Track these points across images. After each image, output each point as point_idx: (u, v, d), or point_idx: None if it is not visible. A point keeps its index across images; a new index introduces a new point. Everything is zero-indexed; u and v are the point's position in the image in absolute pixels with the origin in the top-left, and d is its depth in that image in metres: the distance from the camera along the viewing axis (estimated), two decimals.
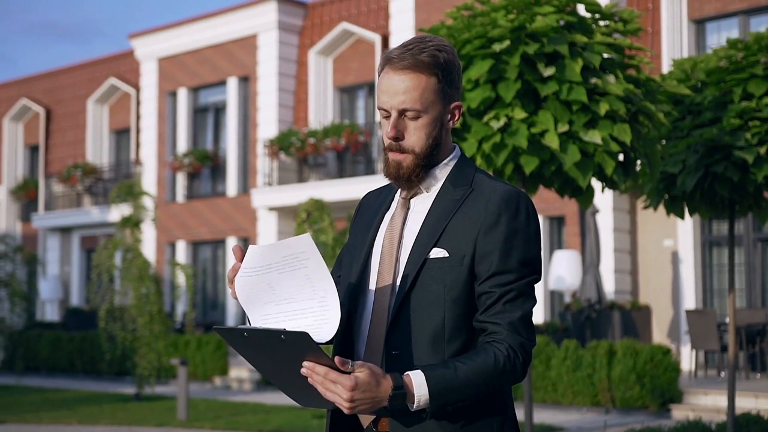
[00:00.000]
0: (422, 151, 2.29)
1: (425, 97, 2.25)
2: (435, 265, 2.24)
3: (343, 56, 20.84)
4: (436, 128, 2.29)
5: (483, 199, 2.26)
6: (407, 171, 2.30)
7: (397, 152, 2.30)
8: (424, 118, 2.27)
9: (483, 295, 2.22)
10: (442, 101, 2.29)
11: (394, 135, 2.28)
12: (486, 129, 6.21)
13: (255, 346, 2.10)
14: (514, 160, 6.29)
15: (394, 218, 2.37)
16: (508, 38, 6.18)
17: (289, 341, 2.01)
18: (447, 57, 2.29)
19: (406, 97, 2.25)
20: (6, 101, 28.04)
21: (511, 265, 2.22)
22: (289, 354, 2.05)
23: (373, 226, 2.42)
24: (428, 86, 2.26)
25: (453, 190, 2.31)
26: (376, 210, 2.45)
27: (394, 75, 2.26)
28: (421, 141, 2.28)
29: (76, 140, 25.96)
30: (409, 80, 2.25)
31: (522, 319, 2.21)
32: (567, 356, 13.26)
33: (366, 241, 2.40)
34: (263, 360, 2.13)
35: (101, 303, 15.45)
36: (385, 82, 2.28)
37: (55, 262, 25.64)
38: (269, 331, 2.03)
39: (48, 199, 25.90)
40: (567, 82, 6.19)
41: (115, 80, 24.82)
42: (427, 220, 2.30)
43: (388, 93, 2.27)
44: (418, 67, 2.25)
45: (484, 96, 6.17)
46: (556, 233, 17.45)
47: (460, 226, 2.25)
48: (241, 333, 2.07)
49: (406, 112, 2.27)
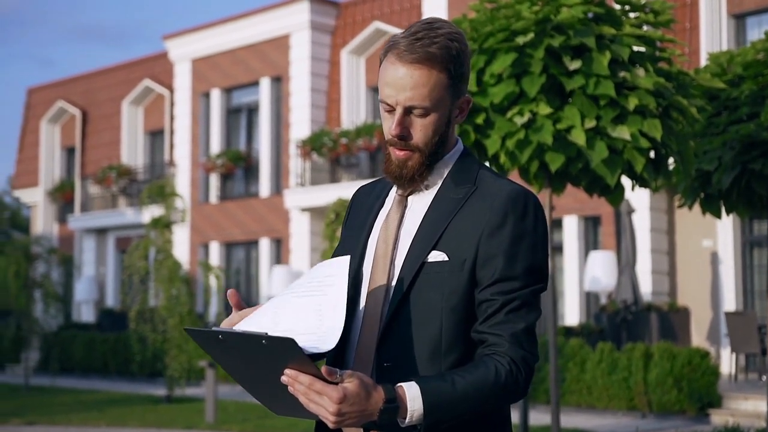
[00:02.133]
0: (428, 149, 2.10)
1: (435, 93, 2.05)
2: (433, 270, 2.05)
3: (375, 56, 20.67)
4: (443, 125, 2.10)
5: (487, 199, 2.07)
6: (411, 170, 2.11)
7: (401, 149, 2.10)
8: (432, 116, 2.07)
9: (484, 302, 2.03)
10: (451, 97, 2.10)
11: (399, 133, 2.07)
12: (510, 125, 6.01)
13: (231, 351, 1.92)
14: (539, 158, 6.08)
15: (389, 217, 2.18)
16: (532, 31, 5.97)
17: (271, 347, 1.83)
18: (459, 48, 2.08)
19: (415, 94, 2.04)
20: (43, 104, 28.25)
21: (516, 272, 2.02)
22: (269, 360, 1.88)
23: (367, 225, 2.22)
24: (438, 82, 2.05)
25: (454, 188, 2.12)
26: (370, 208, 2.26)
27: (401, 67, 2.05)
28: (428, 138, 2.09)
29: (112, 142, 26.06)
30: (418, 75, 2.04)
31: (525, 331, 2.02)
32: (602, 359, 12.98)
33: (359, 241, 2.21)
34: (238, 365, 1.96)
35: (132, 304, 15.42)
36: (390, 74, 2.07)
37: (90, 263, 25.76)
38: (248, 335, 1.85)
39: (84, 201, 26.03)
40: (594, 76, 5.97)
41: (150, 82, 24.88)
42: (425, 220, 2.11)
43: (393, 87, 2.06)
44: (429, 62, 2.04)
45: (507, 91, 5.96)
46: (592, 233, 17.15)
47: (462, 227, 2.06)
48: (215, 336, 1.89)
49: (413, 110, 2.07)
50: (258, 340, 1.82)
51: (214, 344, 1.92)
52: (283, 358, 1.84)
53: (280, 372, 1.87)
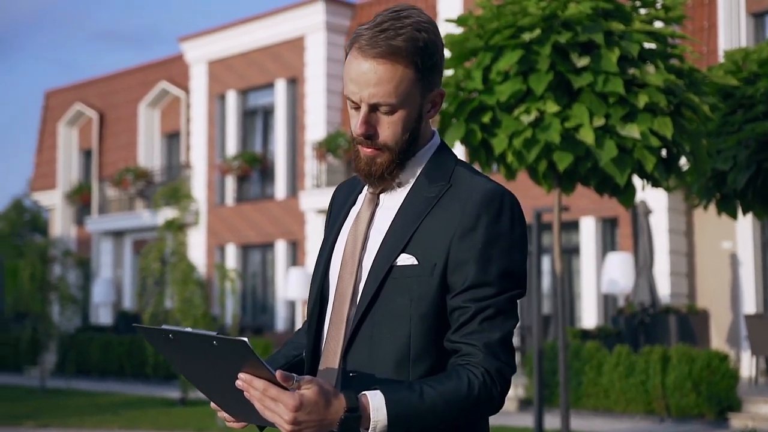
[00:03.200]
0: (398, 147, 1.97)
1: (401, 89, 1.92)
2: (402, 274, 1.92)
3: None
4: (413, 121, 1.97)
5: (461, 198, 1.94)
6: (381, 168, 1.98)
7: (368, 147, 1.98)
8: (400, 112, 1.95)
9: (456, 310, 1.90)
10: (420, 91, 1.96)
11: (364, 132, 1.95)
12: (516, 124, 5.88)
13: (182, 351, 1.83)
14: (546, 157, 5.95)
15: (359, 216, 2.06)
16: (539, 27, 5.84)
17: (223, 348, 1.73)
18: (427, 38, 1.94)
19: (379, 90, 1.92)
20: (61, 106, 28.34)
21: (489, 277, 1.89)
22: (222, 363, 1.77)
23: (337, 224, 2.11)
24: (405, 77, 1.92)
25: (428, 185, 1.99)
26: (343, 205, 2.15)
27: (364, 62, 1.92)
28: (397, 136, 1.96)
29: (129, 144, 26.09)
30: (382, 70, 1.91)
31: (501, 341, 1.89)
32: (619, 362, 12.80)
33: (328, 242, 2.10)
34: (191, 366, 1.86)
35: (146, 307, 15.38)
36: (353, 69, 1.94)
37: (108, 266, 25.78)
38: (199, 335, 1.74)
39: (101, 203, 26.06)
40: (603, 73, 5.83)
41: (166, 84, 24.89)
42: (396, 220, 1.98)
43: (357, 83, 1.93)
44: (393, 55, 1.91)
45: (514, 89, 5.83)
46: (609, 235, 16.96)
47: (433, 228, 1.93)
48: (165, 334, 1.79)
49: (379, 107, 1.94)
50: (209, 341, 1.72)
51: (165, 344, 1.83)
52: (236, 361, 1.74)
53: (233, 376, 1.77)
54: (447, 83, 6.09)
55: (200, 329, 1.76)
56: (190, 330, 1.76)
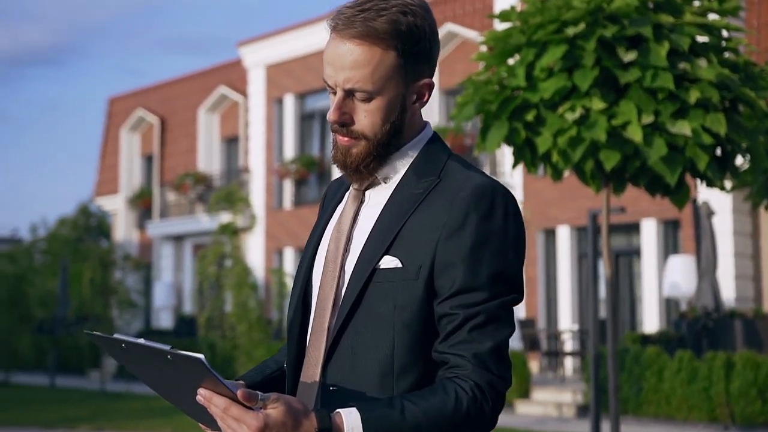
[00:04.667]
0: (376, 138, 1.80)
1: (379, 75, 1.76)
2: (386, 278, 1.75)
3: (448, 58, 20.36)
4: (394, 112, 1.80)
5: (449, 194, 1.76)
6: (356, 159, 1.82)
7: (344, 135, 1.82)
8: (377, 100, 1.78)
9: (444, 317, 1.73)
10: (403, 79, 1.79)
11: (337, 119, 1.79)
12: (561, 122, 5.66)
13: (138, 361, 1.73)
14: (593, 156, 5.72)
15: (342, 215, 1.89)
16: (584, 21, 5.61)
17: (178, 364, 1.61)
18: (412, 22, 1.77)
19: (354, 74, 1.76)
20: (123, 112, 28.72)
21: (479, 281, 1.72)
22: (179, 377, 1.66)
23: (322, 223, 1.95)
24: (383, 62, 1.76)
25: (416, 181, 1.82)
26: (332, 201, 1.99)
27: (340, 43, 1.77)
28: (375, 127, 1.80)
29: (188, 149, 26.31)
30: (358, 52, 1.75)
31: (493, 351, 1.71)
32: (681, 368, 12.45)
33: (311, 243, 1.94)
34: (150, 375, 1.75)
35: (201, 311, 15.44)
36: (330, 50, 1.78)
37: (169, 270, 26.01)
38: (153, 348, 1.62)
39: (162, 208, 26.33)
40: (651, 68, 5.58)
41: (225, 89, 25.04)
42: (380, 219, 1.81)
43: (332, 65, 1.78)
44: (371, 37, 1.74)
45: (558, 85, 5.62)
46: (671, 237, 16.54)
47: (419, 228, 1.76)
48: (119, 344, 1.69)
49: (354, 93, 1.78)
50: (164, 355, 1.61)
51: (121, 353, 1.73)
52: (194, 377, 1.62)
53: (189, 388, 1.65)
54: (489, 81, 5.91)
55: (154, 341, 1.64)
56: (143, 342, 1.65)
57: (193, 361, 1.56)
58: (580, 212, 16.44)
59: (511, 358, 9.05)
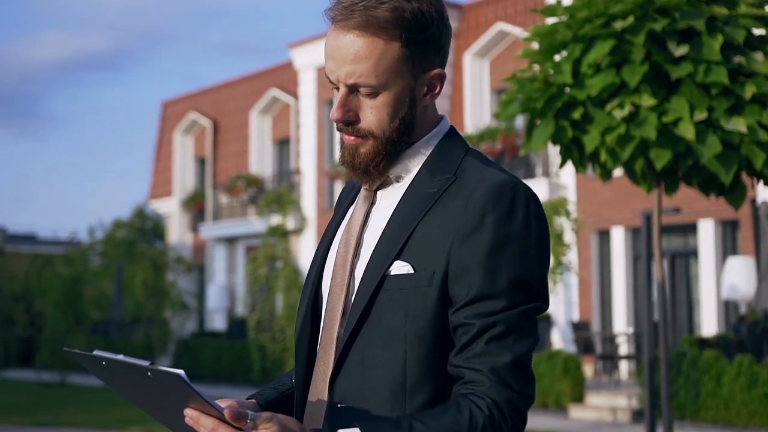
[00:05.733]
0: (384, 136, 1.67)
1: (383, 67, 1.63)
2: (396, 285, 1.61)
3: (500, 58, 20.14)
4: (403, 107, 1.67)
5: (465, 193, 1.62)
6: (365, 158, 1.68)
7: (350, 135, 1.69)
8: (383, 95, 1.65)
9: (459, 328, 1.58)
10: (411, 71, 1.66)
11: (341, 117, 1.66)
12: (609, 119, 5.46)
13: (120, 379, 1.63)
14: (643, 154, 5.51)
15: (352, 217, 1.76)
16: (632, 14, 5.40)
17: (159, 380, 1.50)
18: (417, 8, 1.63)
19: (356, 68, 1.62)
20: (177, 115, 28.94)
21: (498, 288, 1.57)
22: (164, 394, 1.56)
23: (333, 226, 1.82)
24: (387, 53, 1.62)
25: (430, 180, 1.68)
26: (342, 203, 1.86)
27: (340, 35, 1.63)
28: (383, 123, 1.66)
29: (241, 151, 26.42)
30: (360, 44, 1.62)
31: (513, 364, 1.55)
32: (740, 372, 12.11)
33: (320, 248, 1.81)
34: (134, 393, 1.65)
35: (252, 313, 15.44)
36: (330, 43, 1.66)
37: (222, 272, 26.12)
38: (133, 364, 1.52)
39: (215, 210, 26.46)
40: (704, 62, 5.36)
41: (277, 91, 25.08)
42: (391, 222, 1.67)
43: (333, 59, 1.65)
44: (372, 27, 1.61)
45: (606, 82, 5.42)
46: (730, 238, 16.12)
47: (432, 230, 1.62)
48: (98, 361, 1.59)
49: (358, 88, 1.65)
50: (144, 372, 1.50)
51: (102, 370, 1.63)
52: (177, 395, 1.51)
53: (176, 408, 1.54)
54: (535, 78, 5.73)
55: (134, 358, 1.53)
56: (122, 358, 1.54)
57: (173, 378, 1.46)
58: (635, 213, 16.12)
59: (566, 363, 8.78)
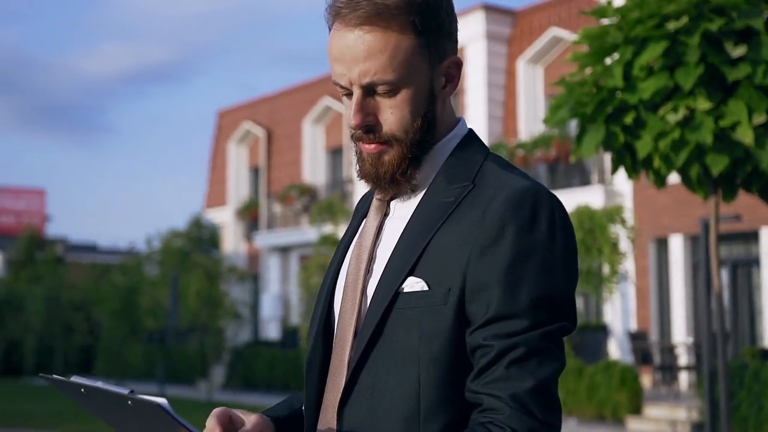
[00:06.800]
0: (409, 138, 1.52)
1: (399, 60, 1.48)
2: (409, 303, 1.47)
3: (554, 63, 19.88)
4: (424, 103, 1.52)
5: (483, 202, 1.47)
6: (390, 168, 1.53)
7: (370, 143, 1.53)
8: (403, 92, 1.50)
9: (477, 350, 1.44)
10: (427, 61, 1.52)
11: (361, 123, 1.51)
12: (663, 124, 5.26)
13: (101, 405, 1.54)
14: (698, 160, 5.29)
15: (364, 230, 1.62)
16: (686, 14, 5.19)
17: (140, 409, 1.40)
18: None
19: (371, 66, 1.48)
20: (231, 125, 29.12)
21: (519, 306, 1.42)
22: (146, 423, 1.45)
23: (345, 240, 1.68)
24: (402, 44, 1.48)
25: (446, 188, 1.54)
26: (359, 211, 1.72)
27: (347, 33, 1.49)
28: (405, 124, 1.51)
29: (294, 161, 26.48)
30: (371, 39, 1.48)
31: (536, 390, 1.40)
32: None
33: (332, 264, 1.67)
34: (116, 420, 1.55)
35: (304, 322, 15.39)
36: (335, 45, 1.51)
37: (276, 281, 26.17)
38: (112, 393, 1.42)
39: (269, 219, 26.54)
40: (763, 63, 5.14)
41: (330, 100, 25.10)
42: (404, 234, 1.53)
43: (342, 61, 1.50)
44: (382, 17, 1.47)
45: (659, 85, 5.22)
46: None
47: (448, 243, 1.47)
48: (77, 387, 1.50)
49: (375, 87, 1.50)
50: (124, 400, 1.40)
51: (81, 397, 1.53)
52: (157, 423, 1.40)
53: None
54: (584, 82, 5.55)
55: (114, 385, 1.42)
56: (102, 385, 1.43)
57: (153, 407, 1.35)
58: (694, 220, 15.74)
59: (623, 374, 8.43)
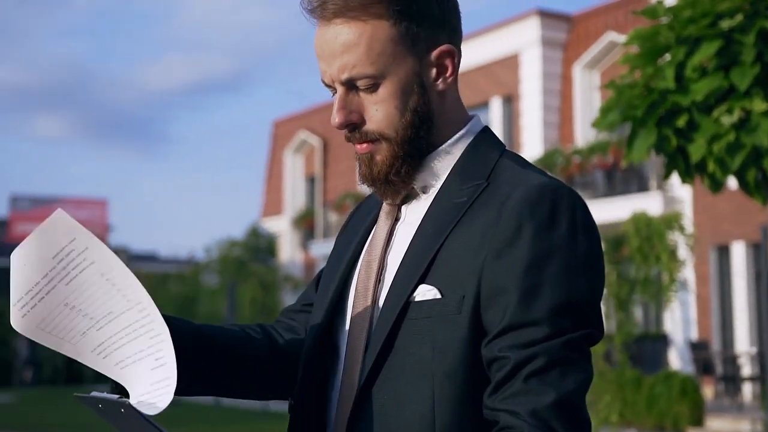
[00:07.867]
0: (398, 134, 1.43)
1: (377, 52, 1.39)
2: (421, 313, 1.36)
3: (610, 69, 19.58)
4: (412, 95, 1.42)
5: (498, 201, 1.36)
6: (382, 167, 1.45)
7: (359, 142, 1.45)
8: (385, 86, 1.41)
9: (493, 362, 1.32)
10: (411, 50, 1.42)
11: (342, 121, 1.44)
12: (717, 126, 5.07)
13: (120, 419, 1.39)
14: (755, 163, 5.09)
15: (374, 237, 1.52)
16: (741, 12, 5.00)
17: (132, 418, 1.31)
18: None
19: (348, 59, 1.40)
20: (287, 135, 29.27)
21: (538, 313, 1.30)
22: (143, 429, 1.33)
23: (352, 247, 1.56)
24: (377, 34, 1.39)
25: (459, 187, 1.43)
26: (365, 218, 1.61)
27: (324, 30, 1.42)
28: (392, 119, 1.42)
29: (349, 170, 26.50)
30: (346, 31, 1.39)
31: (558, 405, 1.27)
32: None
33: (337, 271, 1.55)
34: None
35: None
36: (317, 41, 1.44)
37: None
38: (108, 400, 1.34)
39: (325, 228, 26.59)
40: None
41: None
42: (415, 240, 1.43)
43: (323, 58, 1.44)
44: (354, 8, 1.39)
45: (712, 86, 5.03)
46: None
47: (460, 247, 1.36)
48: (96, 403, 1.39)
49: (355, 83, 1.41)
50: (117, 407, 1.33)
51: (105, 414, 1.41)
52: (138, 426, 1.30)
53: None
54: (635, 84, 5.38)
55: None
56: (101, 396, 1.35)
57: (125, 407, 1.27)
58: (756, 227, 15.33)
59: (684, 384, 8.14)
